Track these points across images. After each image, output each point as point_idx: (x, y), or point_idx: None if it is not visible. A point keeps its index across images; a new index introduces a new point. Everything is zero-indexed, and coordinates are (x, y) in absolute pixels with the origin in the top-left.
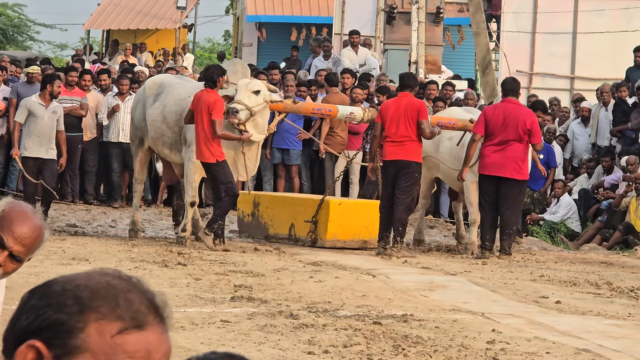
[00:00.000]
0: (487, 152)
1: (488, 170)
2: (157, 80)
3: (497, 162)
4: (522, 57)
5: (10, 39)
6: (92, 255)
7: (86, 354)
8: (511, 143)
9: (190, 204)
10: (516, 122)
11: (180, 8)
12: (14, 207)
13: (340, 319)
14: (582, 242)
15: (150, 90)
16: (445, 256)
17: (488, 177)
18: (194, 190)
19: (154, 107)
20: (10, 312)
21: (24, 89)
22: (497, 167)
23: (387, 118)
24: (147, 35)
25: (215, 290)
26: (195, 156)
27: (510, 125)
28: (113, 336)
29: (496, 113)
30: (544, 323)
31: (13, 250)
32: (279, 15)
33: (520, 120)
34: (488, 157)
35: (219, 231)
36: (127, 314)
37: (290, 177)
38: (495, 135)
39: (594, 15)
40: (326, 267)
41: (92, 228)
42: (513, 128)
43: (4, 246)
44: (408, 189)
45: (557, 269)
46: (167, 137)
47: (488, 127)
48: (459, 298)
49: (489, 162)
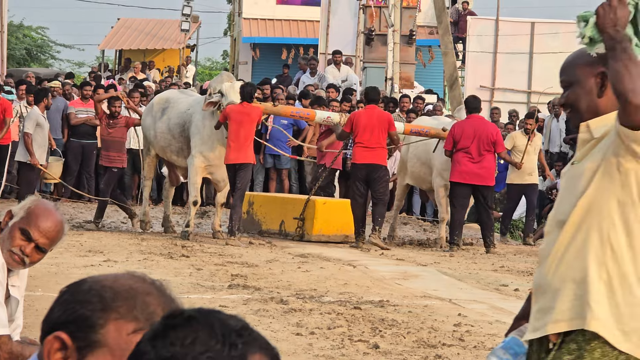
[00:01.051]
0: (464, 161)
1: (465, 179)
2: (164, 97)
3: (475, 171)
4: (485, 74)
5: (34, 57)
6: (106, 248)
7: (104, 348)
8: (485, 154)
9: (192, 203)
10: (486, 135)
11: (184, 30)
12: (39, 205)
13: (325, 304)
14: (538, 236)
15: (158, 105)
16: (417, 249)
17: (464, 184)
18: (196, 191)
19: (162, 120)
20: (33, 298)
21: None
22: (474, 175)
23: (359, 126)
24: (154, 54)
25: (214, 279)
26: (232, 160)
27: (481, 138)
28: (129, 334)
29: (465, 129)
30: (504, 308)
31: (39, 242)
32: (271, 37)
33: (488, 133)
34: (465, 166)
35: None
36: (143, 315)
37: (281, 180)
38: (469, 147)
39: (549, 37)
40: (312, 258)
41: (107, 224)
42: (484, 140)
43: (31, 239)
44: (384, 190)
45: (515, 260)
46: (174, 146)
47: (460, 141)
48: (429, 286)
49: (465, 171)
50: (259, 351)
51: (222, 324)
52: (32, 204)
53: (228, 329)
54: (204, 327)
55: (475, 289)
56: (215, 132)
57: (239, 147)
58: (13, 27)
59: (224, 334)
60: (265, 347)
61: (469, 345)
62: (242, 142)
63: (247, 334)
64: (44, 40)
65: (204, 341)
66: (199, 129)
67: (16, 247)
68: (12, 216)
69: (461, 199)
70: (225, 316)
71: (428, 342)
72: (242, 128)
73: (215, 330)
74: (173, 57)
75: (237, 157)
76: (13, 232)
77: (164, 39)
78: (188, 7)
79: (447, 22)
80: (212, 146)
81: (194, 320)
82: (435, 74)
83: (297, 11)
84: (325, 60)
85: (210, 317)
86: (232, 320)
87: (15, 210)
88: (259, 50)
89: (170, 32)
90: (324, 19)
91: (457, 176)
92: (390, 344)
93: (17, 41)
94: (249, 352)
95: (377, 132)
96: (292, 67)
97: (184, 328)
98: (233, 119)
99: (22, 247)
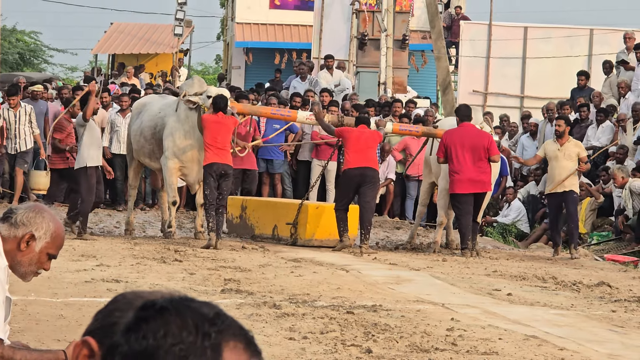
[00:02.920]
0: (461, 170)
1: (465, 189)
2: (142, 101)
3: (473, 179)
4: (478, 78)
5: (27, 62)
6: (99, 252)
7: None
8: (480, 161)
9: (172, 203)
10: (479, 143)
11: (177, 35)
12: (58, 226)
13: (318, 308)
14: (530, 241)
15: (136, 110)
16: (410, 254)
17: (467, 194)
18: (173, 192)
19: (136, 124)
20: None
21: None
22: (473, 184)
23: (351, 139)
24: (148, 58)
25: (207, 284)
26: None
27: (475, 146)
28: None
29: (458, 137)
30: (497, 313)
31: (55, 255)
32: (264, 42)
33: (481, 141)
34: (463, 175)
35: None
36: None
37: (274, 184)
38: (464, 156)
39: (542, 42)
40: (305, 263)
41: (99, 229)
42: (479, 148)
43: (54, 258)
44: (374, 195)
45: (508, 265)
46: (146, 148)
47: (452, 150)
48: (422, 290)
49: (464, 180)
50: (233, 338)
51: (194, 313)
52: (52, 224)
53: (201, 318)
54: (176, 317)
55: (468, 293)
56: (188, 135)
57: (217, 149)
58: (6, 31)
59: (196, 324)
60: (239, 333)
61: (462, 350)
62: (220, 146)
63: (221, 322)
64: (37, 44)
65: (176, 333)
66: (172, 131)
67: (43, 269)
68: (33, 237)
69: (464, 205)
70: (198, 304)
71: (421, 347)
72: (219, 135)
73: (187, 321)
74: (166, 62)
75: (220, 158)
76: (42, 258)
77: (157, 43)
78: (181, 11)
79: (440, 27)
80: (184, 148)
81: (166, 311)
82: (428, 79)
83: (290, 16)
84: (318, 65)
85: (182, 306)
86: (206, 308)
87: (38, 234)
88: (252, 54)
89: (163, 36)
90: (317, 23)
91: (457, 187)
92: (383, 349)
93: (10, 46)
94: (223, 340)
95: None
96: (284, 71)
97: (156, 320)
98: (208, 127)
99: (46, 267)
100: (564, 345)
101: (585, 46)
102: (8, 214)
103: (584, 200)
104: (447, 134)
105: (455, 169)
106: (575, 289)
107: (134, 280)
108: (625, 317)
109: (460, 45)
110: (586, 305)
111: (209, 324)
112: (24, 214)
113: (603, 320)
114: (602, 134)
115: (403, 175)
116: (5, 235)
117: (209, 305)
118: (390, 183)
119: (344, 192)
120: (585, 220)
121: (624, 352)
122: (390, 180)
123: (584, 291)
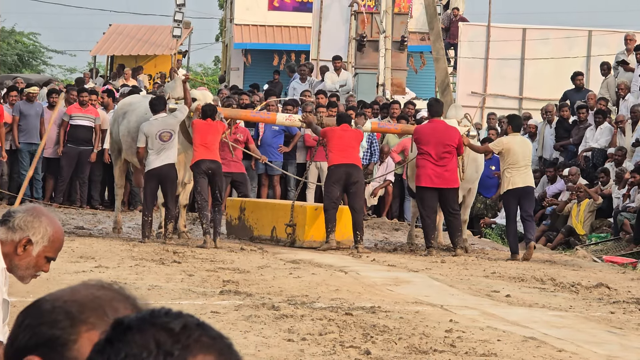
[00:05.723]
0: (428, 165)
1: (431, 183)
2: (127, 101)
3: (439, 174)
4: (477, 80)
5: (26, 63)
6: (97, 254)
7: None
8: (448, 157)
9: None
10: (449, 138)
11: (176, 36)
12: (56, 229)
13: (316, 310)
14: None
15: (121, 110)
16: (409, 255)
17: (430, 188)
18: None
19: (122, 124)
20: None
21: (24, 107)
22: (438, 178)
23: (334, 138)
24: (146, 60)
25: (206, 285)
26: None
27: (442, 141)
28: None
29: (427, 133)
30: (496, 314)
31: (54, 258)
32: (263, 43)
33: (450, 137)
34: (430, 169)
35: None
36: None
37: (273, 186)
38: (431, 151)
39: (540, 43)
40: (304, 264)
41: (98, 230)
42: (445, 144)
43: (53, 260)
44: (361, 194)
45: (507, 266)
46: (134, 148)
47: (421, 145)
48: (420, 292)
49: (430, 174)
50: (200, 352)
51: (158, 332)
52: (49, 226)
53: (164, 336)
54: (139, 337)
55: (466, 294)
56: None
57: (205, 148)
58: (5, 33)
59: (157, 343)
60: (210, 345)
61: (460, 352)
62: (208, 145)
63: (186, 337)
64: (36, 46)
65: (137, 353)
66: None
67: (41, 271)
68: (30, 242)
69: (429, 202)
70: (165, 320)
71: (419, 348)
72: (208, 135)
73: (148, 340)
74: (165, 63)
75: (208, 156)
76: (40, 261)
77: (156, 45)
78: (180, 13)
79: (438, 28)
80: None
81: (129, 331)
82: (427, 80)
83: (288, 17)
84: (317, 67)
85: (146, 325)
86: (173, 323)
87: (35, 239)
88: (251, 56)
89: (162, 38)
90: (315, 25)
91: (422, 180)
92: (382, 350)
93: (8, 47)
94: (190, 356)
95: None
96: (283, 73)
97: (120, 341)
98: (198, 130)
99: (45, 269)
100: (562, 347)
101: (583, 47)
102: (6, 217)
103: (582, 202)
104: (416, 129)
105: (420, 164)
106: (574, 291)
107: (132, 281)
108: (624, 318)
109: (459, 47)
110: (585, 307)
111: (173, 341)
112: (21, 218)
113: (601, 322)
114: (600, 135)
115: (402, 177)
116: (2, 239)
117: (179, 319)
118: (389, 184)
119: (331, 189)
120: (584, 222)
121: (623, 353)
122: (389, 181)
123: (582, 293)
